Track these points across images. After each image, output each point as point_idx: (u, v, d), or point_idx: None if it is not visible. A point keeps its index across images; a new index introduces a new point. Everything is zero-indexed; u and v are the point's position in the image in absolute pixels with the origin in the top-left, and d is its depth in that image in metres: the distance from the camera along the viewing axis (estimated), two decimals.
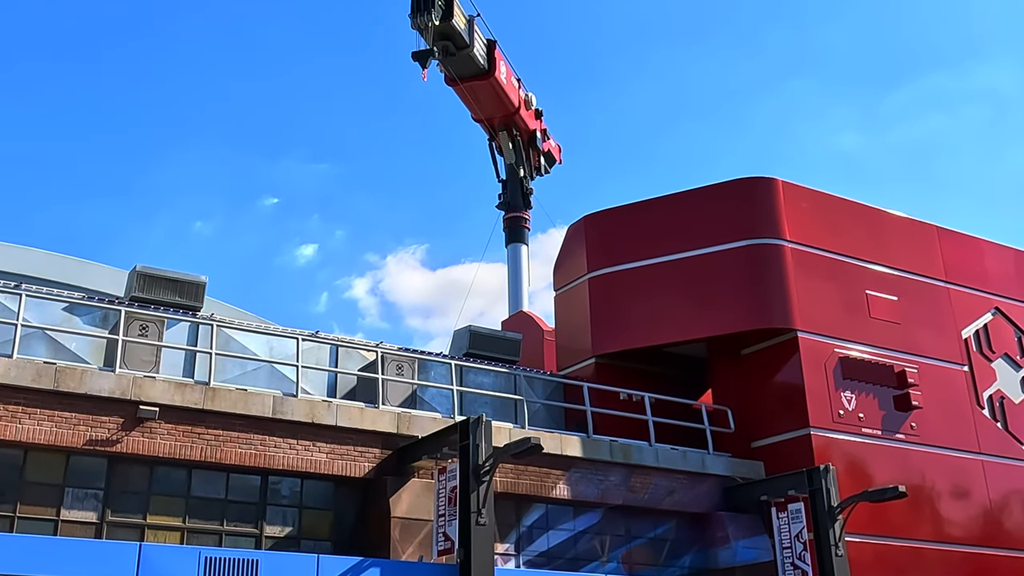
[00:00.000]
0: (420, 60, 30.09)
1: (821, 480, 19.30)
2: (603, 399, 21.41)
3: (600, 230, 24.30)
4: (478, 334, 22.02)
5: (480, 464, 15.66)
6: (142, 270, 18.33)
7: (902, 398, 22.49)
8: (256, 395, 16.64)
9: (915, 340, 23.51)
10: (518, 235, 36.46)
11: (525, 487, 18.59)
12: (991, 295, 25.60)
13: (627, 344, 23.12)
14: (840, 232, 23.65)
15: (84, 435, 15.05)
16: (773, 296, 22.30)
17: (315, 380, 19.23)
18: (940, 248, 25.25)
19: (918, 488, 21.45)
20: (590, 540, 19.66)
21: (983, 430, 23.64)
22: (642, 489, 20.07)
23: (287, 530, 16.73)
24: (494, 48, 32.66)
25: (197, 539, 15.76)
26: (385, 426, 17.49)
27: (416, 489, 16.98)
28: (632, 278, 23.40)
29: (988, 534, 22.49)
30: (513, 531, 18.77)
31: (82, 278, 23.55)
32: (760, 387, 22.33)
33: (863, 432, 21.72)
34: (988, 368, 24.66)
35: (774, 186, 23.35)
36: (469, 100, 34.16)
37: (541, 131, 36.82)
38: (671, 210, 23.84)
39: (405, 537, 16.44)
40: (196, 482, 16.19)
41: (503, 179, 37.06)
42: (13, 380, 14.70)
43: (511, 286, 35.84)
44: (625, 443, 20.20)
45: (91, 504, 15.31)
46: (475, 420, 15.99)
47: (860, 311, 23.03)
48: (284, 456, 16.53)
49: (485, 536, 15.40)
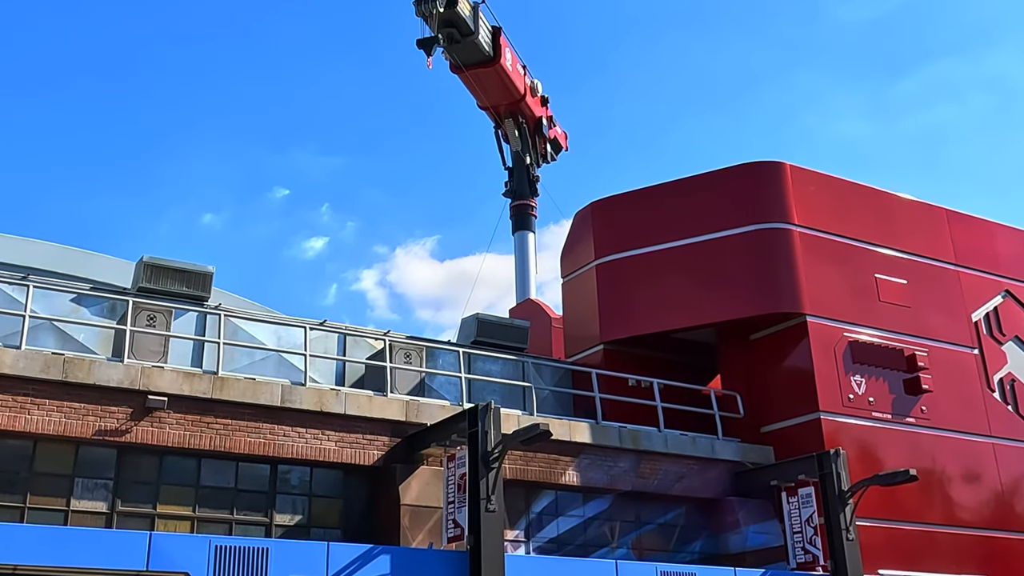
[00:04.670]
0: (425, 48, 29.92)
1: (831, 464, 19.24)
2: (612, 385, 21.37)
3: (607, 216, 24.21)
4: (486, 322, 21.96)
5: (489, 451, 15.64)
6: (149, 261, 18.31)
7: (912, 382, 22.40)
8: (265, 384, 16.64)
9: (925, 323, 23.41)
10: (525, 223, 36.36)
11: (534, 474, 18.58)
12: (1001, 278, 25.46)
13: (635, 330, 23.06)
14: (848, 216, 23.53)
15: (93, 425, 15.07)
16: (782, 281, 22.21)
17: (323, 369, 19.22)
18: (949, 231, 25.11)
19: (929, 472, 21.38)
20: (600, 526, 19.64)
21: (994, 413, 23.54)
22: (651, 475, 20.03)
23: (297, 518, 16.74)
24: (499, 35, 32.48)
25: (207, 528, 15.79)
26: (394, 414, 17.49)
27: (425, 476, 16.97)
28: (640, 264, 23.33)
29: (999, 517, 22.42)
30: (523, 518, 18.76)
31: (89, 270, 23.53)
32: (769, 372, 22.27)
33: (873, 416, 21.64)
34: (999, 351, 24.54)
35: (782, 170, 23.23)
36: (474, 88, 34.00)
37: (547, 118, 36.64)
38: (678, 196, 23.74)
39: (415, 524, 16.45)
40: (205, 471, 16.20)
41: (509, 167, 36.94)
42: (22, 371, 14.71)
43: (518, 274, 35.77)
44: (634, 429, 20.17)
45: (101, 494, 15.34)
46: (484, 407, 15.96)
47: (869, 295, 22.93)
48: (293, 445, 16.53)
49: (495, 523, 15.38)
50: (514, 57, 33.77)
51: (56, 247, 24.31)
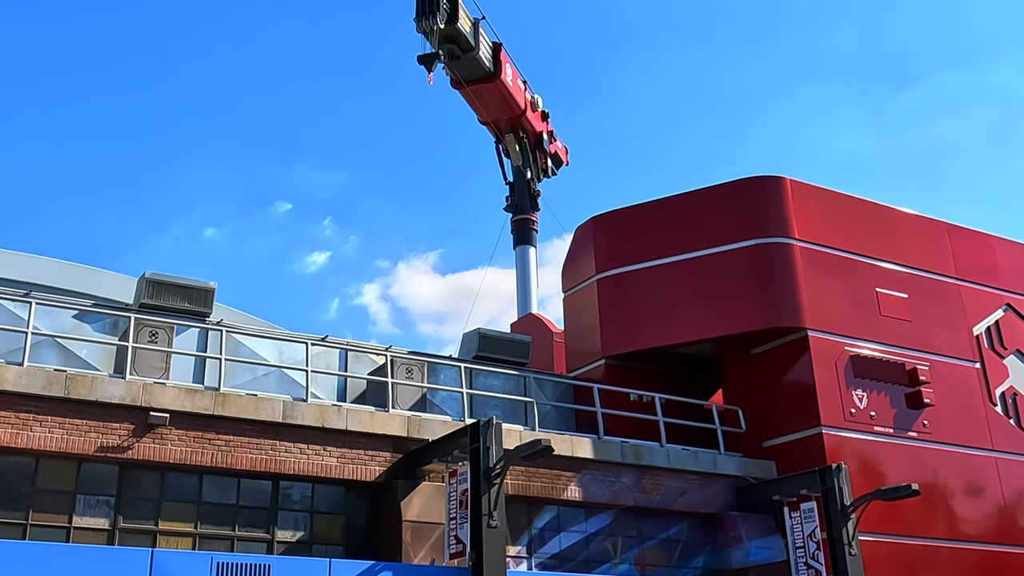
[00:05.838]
0: (426, 64, 30.04)
1: (833, 479, 19.22)
2: (613, 400, 21.36)
3: (608, 231, 24.26)
4: (487, 337, 21.98)
5: (491, 467, 15.63)
6: (151, 277, 18.35)
7: (914, 396, 22.39)
8: (266, 400, 16.65)
9: (926, 337, 23.41)
10: (526, 237, 36.41)
11: (536, 489, 18.56)
12: (1002, 291, 25.48)
13: (637, 345, 23.07)
14: (849, 230, 23.57)
15: (95, 442, 15.07)
16: (783, 295, 22.24)
17: (325, 384, 19.23)
18: (950, 244, 25.15)
19: (931, 486, 21.35)
20: (602, 542, 19.61)
21: (996, 427, 23.52)
22: (654, 490, 20.01)
23: (299, 535, 16.72)
24: (500, 51, 32.61)
25: (209, 545, 15.78)
26: (395, 430, 17.49)
27: (427, 492, 16.96)
28: (641, 279, 23.36)
29: (1002, 531, 22.37)
30: (525, 533, 18.74)
31: (91, 285, 23.58)
32: (771, 386, 22.26)
33: (875, 430, 21.63)
34: (1000, 365, 24.54)
35: (782, 184, 23.28)
36: (475, 103, 34.11)
37: (548, 133, 36.73)
38: (679, 210, 23.79)
39: (416, 541, 16.42)
40: (207, 488, 16.20)
41: (510, 181, 37.01)
42: (24, 388, 14.72)
43: (520, 288, 35.80)
44: (636, 444, 20.15)
45: (103, 511, 15.33)
46: (485, 423, 15.97)
47: (870, 309, 22.94)
48: (295, 461, 16.53)
49: (497, 539, 15.37)
50: (514, 72, 33.89)
51: (58, 263, 24.34)
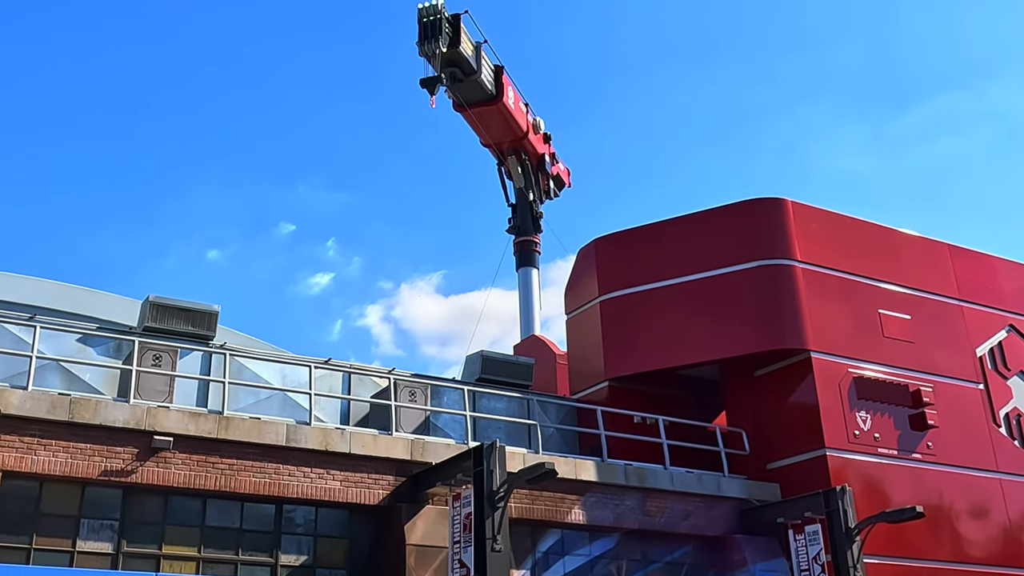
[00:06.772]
0: (428, 87, 30.26)
1: (838, 501, 19.17)
2: (617, 423, 21.34)
3: (611, 253, 24.30)
4: (490, 359, 21.98)
5: (494, 490, 15.60)
6: (155, 300, 18.39)
7: (918, 417, 22.36)
8: (270, 424, 16.64)
9: (929, 359, 23.40)
10: (529, 259, 36.48)
11: (540, 512, 18.51)
12: (1005, 312, 25.49)
13: (640, 367, 23.06)
14: (851, 251, 23.60)
15: (99, 466, 15.06)
16: (785, 317, 22.25)
17: (328, 408, 19.22)
18: (953, 266, 25.17)
19: (936, 508, 21.30)
20: (606, 565, 19.54)
21: (1000, 448, 23.47)
22: (658, 513, 19.95)
23: (302, 559, 16.68)
24: (501, 73, 32.81)
25: (212, 569, 15.73)
26: (399, 453, 17.47)
27: (431, 516, 16.92)
28: (644, 301, 23.38)
29: (1007, 553, 22.28)
30: (529, 557, 18.67)
31: (95, 308, 23.62)
32: (774, 408, 22.24)
33: (879, 452, 21.58)
34: (1004, 386, 24.51)
35: (784, 206, 23.34)
36: (477, 125, 34.27)
37: (550, 155, 36.91)
38: (681, 232, 23.84)
39: (420, 564, 16.37)
40: (211, 512, 16.17)
41: (512, 203, 37.13)
42: (28, 412, 14.73)
43: (522, 310, 35.83)
44: (640, 467, 20.11)
45: (107, 535, 15.30)
46: (489, 446, 15.96)
47: (873, 330, 22.94)
48: (298, 484, 16.51)
49: (501, 562, 15.31)
50: (516, 95, 34.06)
51: (61, 285, 24.40)
